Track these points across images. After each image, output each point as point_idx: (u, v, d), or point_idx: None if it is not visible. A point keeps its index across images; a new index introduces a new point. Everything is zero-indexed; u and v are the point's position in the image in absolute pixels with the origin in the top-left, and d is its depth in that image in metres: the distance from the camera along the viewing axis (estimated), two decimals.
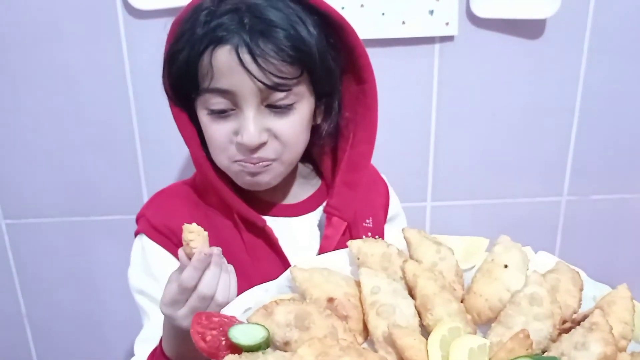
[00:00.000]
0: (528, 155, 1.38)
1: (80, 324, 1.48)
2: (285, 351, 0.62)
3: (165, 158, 1.32)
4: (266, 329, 0.62)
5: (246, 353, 0.59)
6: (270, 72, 0.77)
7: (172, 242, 0.90)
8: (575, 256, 1.42)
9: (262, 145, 0.82)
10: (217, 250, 0.75)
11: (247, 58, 0.76)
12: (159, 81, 0.86)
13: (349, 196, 0.94)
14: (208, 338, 0.60)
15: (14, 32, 1.21)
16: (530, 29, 1.26)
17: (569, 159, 1.39)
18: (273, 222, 0.92)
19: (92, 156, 1.32)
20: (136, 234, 0.95)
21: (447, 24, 1.23)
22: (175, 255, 0.88)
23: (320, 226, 0.96)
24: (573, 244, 1.47)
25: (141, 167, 1.33)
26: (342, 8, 1.20)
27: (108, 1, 1.19)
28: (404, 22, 1.22)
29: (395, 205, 1.10)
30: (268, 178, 0.87)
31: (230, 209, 0.90)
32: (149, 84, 1.19)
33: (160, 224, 0.91)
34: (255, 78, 0.77)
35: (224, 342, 0.61)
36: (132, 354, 0.93)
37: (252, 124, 0.80)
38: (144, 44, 1.21)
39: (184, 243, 0.74)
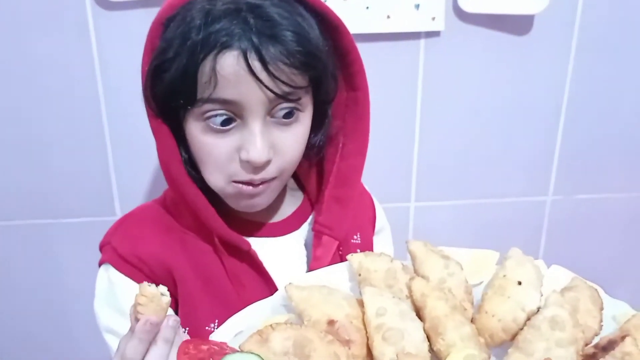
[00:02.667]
0: (513, 154, 1.35)
1: (49, 329, 1.42)
2: None
3: (137, 157, 1.25)
4: (261, 358, 0.56)
5: None
6: (280, 80, 0.69)
7: (142, 272, 0.82)
8: (560, 256, 1.44)
9: (267, 162, 0.74)
10: (172, 321, 0.62)
11: (256, 65, 0.68)
12: (130, 76, 0.77)
13: (340, 213, 0.87)
14: None
15: None
16: (518, 25, 1.23)
17: (555, 158, 1.37)
18: (257, 244, 0.85)
19: (59, 155, 1.25)
20: (100, 263, 0.86)
21: (433, 18, 1.19)
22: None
23: (307, 245, 0.89)
24: (558, 243, 1.45)
25: (111, 166, 1.26)
26: (324, 1, 1.14)
27: None
28: (388, 17, 1.18)
29: (381, 218, 1.05)
30: (267, 199, 0.80)
31: (209, 232, 0.81)
32: (120, 79, 1.12)
33: (128, 253, 0.82)
34: (266, 87, 0.69)
35: None
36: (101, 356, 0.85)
37: (260, 139, 0.72)
38: (114, 37, 1.14)
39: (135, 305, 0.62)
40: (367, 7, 1.16)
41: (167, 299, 0.60)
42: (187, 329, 0.82)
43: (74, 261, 1.34)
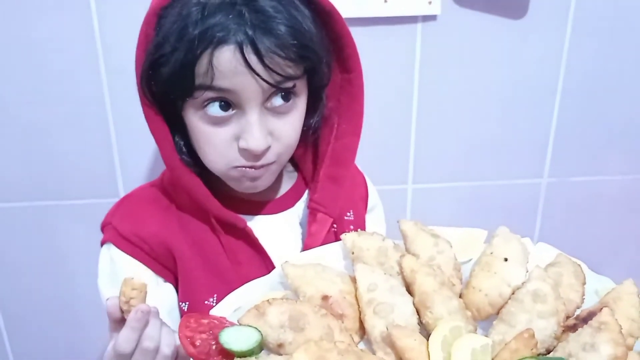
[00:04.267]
0: (509, 137, 1.37)
1: (53, 309, 1.44)
2: (279, 354, 0.59)
3: (140, 139, 1.25)
4: (259, 331, 0.59)
5: (238, 359, 0.55)
6: (275, 72, 0.71)
7: (143, 251, 0.85)
8: (555, 238, 1.44)
9: (266, 150, 0.77)
10: (154, 308, 0.68)
11: (252, 58, 0.70)
12: (132, 59, 0.78)
13: (334, 191, 0.90)
14: (197, 342, 0.57)
15: None
16: (513, 8, 1.24)
17: (550, 140, 1.38)
18: (252, 222, 0.87)
19: (63, 137, 1.26)
20: (102, 243, 0.89)
21: (429, 2, 1.20)
22: (146, 264, 0.84)
23: (302, 223, 0.92)
24: (553, 225, 1.47)
25: (115, 147, 1.28)
26: None
27: None
28: (385, 1, 1.19)
29: (373, 197, 1.07)
30: (267, 181, 0.83)
31: (206, 211, 0.84)
32: (122, 60, 1.13)
33: (128, 232, 0.85)
34: (262, 78, 0.71)
35: (214, 347, 0.57)
36: (106, 337, 0.88)
37: (258, 128, 0.74)
38: (117, 18, 1.15)
39: (121, 298, 0.67)
40: None
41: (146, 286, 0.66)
42: (188, 303, 0.86)
43: (78, 241, 1.36)
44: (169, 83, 0.74)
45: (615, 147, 1.40)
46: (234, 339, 0.56)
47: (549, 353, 0.60)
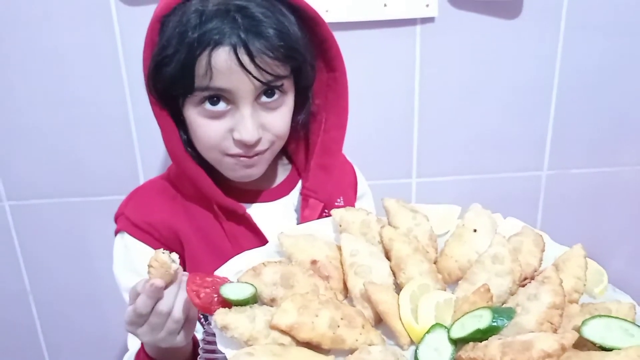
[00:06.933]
0: (509, 131, 1.42)
1: (81, 299, 1.52)
2: (272, 307, 0.68)
3: (159, 139, 1.30)
4: (254, 286, 0.68)
5: (236, 307, 0.65)
6: (265, 71, 0.80)
7: (153, 237, 0.93)
8: (555, 229, 1.46)
9: (258, 141, 0.86)
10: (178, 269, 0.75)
11: (245, 58, 0.79)
12: None
13: (324, 178, 0.99)
14: (202, 295, 0.67)
15: (6, 18, 1.23)
16: (507, 9, 1.29)
17: (548, 134, 1.43)
18: (251, 209, 0.96)
19: (88, 138, 1.35)
20: (116, 232, 0.97)
21: (427, 5, 1.26)
22: (157, 249, 0.90)
23: (296, 209, 1.00)
24: (554, 217, 1.51)
25: (136, 147, 1.36)
26: None
27: None
28: (385, 5, 1.26)
29: (363, 184, 1.15)
30: (260, 169, 0.91)
31: (209, 200, 0.92)
32: (141, 65, 1.21)
33: (140, 221, 0.93)
34: (253, 77, 0.80)
35: (216, 299, 0.67)
36: None
37: (250, 121, 0.83)
38: (137, 29, 1.19)
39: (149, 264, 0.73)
40: None
41: (175, 265, 0.73)
42: None
43: (102, 235, 1.36)
44: (171, 81, 0.83)
45: (611, 138, 1.44)
46: (232, 292, 0.66)
47: None
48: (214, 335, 0.66)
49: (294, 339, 0.64)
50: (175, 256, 0.74)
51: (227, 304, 0.66)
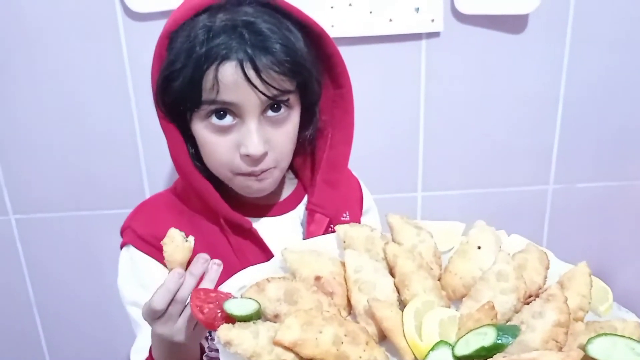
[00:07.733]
0: (515, 145, 1.42)
1: (87, 312, 1.52)
2: (275, 322, 0.68)
3: (165, 153, 1.32)
4: (258, 302, 0.68)
5: (239, 323, 0.65)
6: (271, 85, 0.81)
7: (159, 250, 0.90)
8: (562, 243, 1.48)
9: (264, 155, 0.86)
10: (201, 259, 0.77)
11: (251, 73, 0.79)
12: None
13: (330, 194, 0.99)
14: (205, 310, 0.67)
15: (16, 35, 1.25)
16: (513, 23, 1.30)
17: (554, 148, 1.43)
18: (257, 223, 0.96)
19: (96, 153, 1.36)
20: (122, 245, 0.98)
21: (432, 20, 1.27)
22: (164, 263, 0.91)
23: (302, 223, 1.00)
24: (560, 231, 1.51)
25: (142, 162, 1.37)
26: (332, 7, 1.25)
27: (107, 4, 1.23)
28: (391, 20, 1.27)
29: (368, 199, 1.15)
30: (270, 186, 0.91)
31: (215, 214, 0.93)
32: (149, 82, 1.22)
33: (146, 234, 0.93)
34: (259, 91, 0.80)
35: (219, 314, 0.67)
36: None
37: (256, 135, 0.83)
38: (144, 44, 1.21)
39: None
40: (370, 12, 1.26)
41: (190, 242, 0.77)
42: None
43: (110, 247, 1.37)
44: (179, 95, 0.83)
45: (617, 152, 1.44)
46: (236, 307, 0.66)
47: None
48: (217, 351, 0.66)
49: (297, 355, 0.63)
50: (191, 238, 0.77)
51: (230, 319, 0.66)
